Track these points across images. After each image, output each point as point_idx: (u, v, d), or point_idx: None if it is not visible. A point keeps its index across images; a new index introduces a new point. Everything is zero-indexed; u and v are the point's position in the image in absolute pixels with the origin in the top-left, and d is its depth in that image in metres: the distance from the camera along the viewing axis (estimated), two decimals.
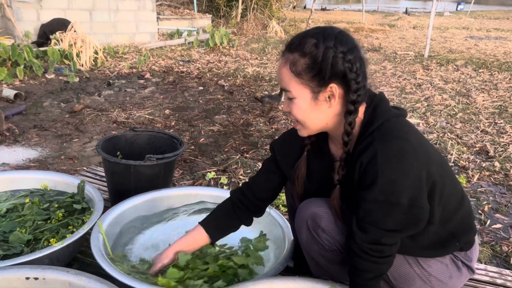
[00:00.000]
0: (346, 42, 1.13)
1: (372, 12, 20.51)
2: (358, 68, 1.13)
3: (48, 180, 1.99)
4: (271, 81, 5.79)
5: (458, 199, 1.27)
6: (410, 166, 1.09)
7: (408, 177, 1.09)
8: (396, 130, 1.15)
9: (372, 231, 1.13)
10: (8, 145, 3.21)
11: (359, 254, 1.16)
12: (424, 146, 1.16)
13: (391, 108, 1.21)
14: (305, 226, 1.32)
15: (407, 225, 1.13)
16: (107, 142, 2.15)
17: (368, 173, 1.11)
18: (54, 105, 4.31)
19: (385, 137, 1.13)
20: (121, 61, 6.54)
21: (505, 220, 2.46)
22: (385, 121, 1.16)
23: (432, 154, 1.19)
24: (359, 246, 1.16)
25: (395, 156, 1.09)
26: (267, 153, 3.26)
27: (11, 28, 6.80)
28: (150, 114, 4.12)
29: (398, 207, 1.10)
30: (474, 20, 18.09)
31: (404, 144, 1.11)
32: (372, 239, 1.14)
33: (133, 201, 1.85)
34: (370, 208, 1.12)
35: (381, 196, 1.09)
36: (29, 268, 1.29)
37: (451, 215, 1.24)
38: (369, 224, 1.13)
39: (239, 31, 10.30)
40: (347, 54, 1.12)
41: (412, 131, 1.17)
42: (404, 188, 1.09)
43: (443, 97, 5.15)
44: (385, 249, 1.15)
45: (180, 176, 2.79)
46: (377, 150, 1.10)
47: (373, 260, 1.15)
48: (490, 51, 8.88)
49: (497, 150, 3.50)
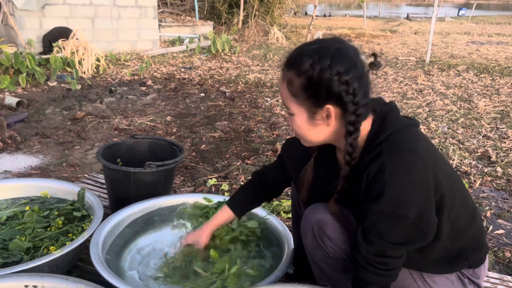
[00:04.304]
0: (343, 62, 1.09)
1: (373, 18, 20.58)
2: (356, 88, 1.09)
3: (48, 187, 2.00)
4: (272, 87, 5.80)
5: (469, 216, 1.23)
6: (419, 179, 1.07)
7: (416, 190, 1.07)
8: (405, 142, 1.12)
9: (378, 243, 1.11)
10: (10, 152, 3.22)
11: (364, 265, 1.14)
12: (434, 158, 1.13)
13: (402, 117, 1.19)
14: (310, 231, 1.32)
15: (414, 238, 1.11)
16: (107, 149, 2.16)
17: (376, 185, 1.09)
18: (56, 113, 4.33)
19: (394, 148, 1.10)
20: (123, 68, 6.57)
21: (508, 225, 2.44)
22: (394, 131, 1.13)
23: (443, 167, 1.15)
24: (364, 258, 1.14)
25: (404, 169, 1.07)
26: (268, 159, 3.26)
27: (13, 36, 6.86)
28: (151, 121, 4.14)
29: (405, 220, 1.07)
30: (476, 25, 18.11)
31: (413, 156, 1.09)
32: (377, 251, 1.12)
33: (133, 208, 1.85)
34: (376, 219, 1.10)
35: (388, 208, 1.07)
36: (28, 276, 1.29)
37: (461, 232, 1.21)
38: (374, 236, 1.11)
39: (241, 38, 10.34)
40: (342, 75, 1.08)
41: (423, 142, 1.14)
42: (412, 202, 1.07)
43: (445, 102, 5.15)
44: (390, 262, 1.13)
45: (181, 183, 2.79)
46: (385, 162, 1.08)
47: (378, 273, 1.13)
48: (491, 56, 8.87)
49: (499, 155, 3.49)
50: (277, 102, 5.00)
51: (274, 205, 2.44)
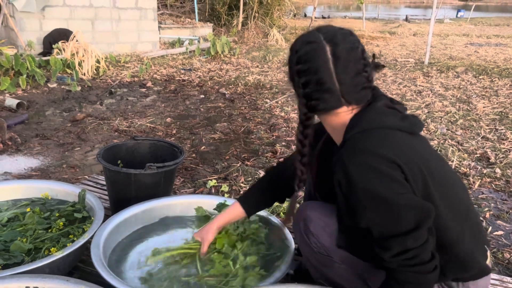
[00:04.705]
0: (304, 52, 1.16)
1: (372, 20, 20.59)
2: (308, 81, 1.14)
3: (49, 189, 2.00)
4: (272, 88, 5.81)
5: (456, 235, 1.18)
6: (382, 171, 1.08)
7: (385, 179, 1.08)
8: (364, 143, 1.11)
9: (393, 242, 1.09)
10: (10, 154, 3.22)
11: (398, 268, 1.11)
12: (406, 164, 1.10)
13: (384, 118, 1.15)
14: (298, 228, 1.38)
15: (420, 218, 1.08)
16: (108, 151, 2.17)
17: (346, 191, 1.12)
18: (56, 114, 4.34)
19: (350, 151, 1.12)
20: (123, 70, 6.58)
21: (507, 227, 2.45)
22: (360, 131, 1.13)
23: (424, 183, 1.12)
24: (391, 262, 1.11)
25: (362, 171, 1.09)
26: (268, 160, 3.26)
27: (14, 38, 6.87)
28: (151, 122, 4.15)
29: (390, 204, 1.07)
30: (474, 26, 18.14)
31: (368, 158, 1.09)
32: (398, 250, 1.08)
33: (134, 210, 1.86)
34: (371, 221, 1.10)
35: (373, 204, 1.09)
36: (29, 277, 1.30)
37: (445, 247, 1.17)
38: (385, 238, 1.09)
39: (240, 40, 10.35)
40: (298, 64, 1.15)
41: (392, 146, 1.11)
42: (389, 191, 1.07)
43: (444, 103, 5.16)
44: (417, 252, 1.08)
45: (181, 184, 2.80)
46: (345, 167, 1.10)
47: (412, 270, 1.09)
48: (490, 58, 8.89)
49: (498, 156, 3.50)
50: (277, 104, 5.01)
51: (274, 206, 2.45)
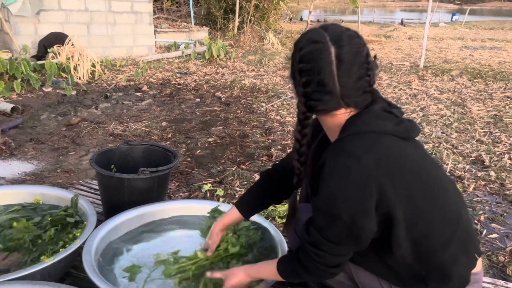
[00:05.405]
0: (305, 52, 1.15)
1: (368, 24, 20.69)
2: (309, 80, 1.12)
3: (41, 194, 1.99)
4: (267, 92, 5.82)
5: (441, 243, 1.16)
6: (354, 184, 1.08)
7: (348, 194, 1.08)
8: (353, 146, 1.11)
9: (314, 236, 1.16)
10: (4, 158, 3.20)
11: (302, 251, 1.22)
12: (391, 174, 1.09)
13: (379, 123, 1.14)
14: (291, 230, 1.43)
15: (347, 240, 1.14)
16: (101, 156, 2.16)
17: (318, 181, 1.14)
18: (51, 118, 4.32)
19: (337, 150, 1.13)
20: (119, 74, 6.57)
21: (501, 230, 2.46)
22: (353, 134, 1.13)
23: (411, 187, 1.11)
24: (302, 246, 1.22)
25: (339, 172, 1.10)
26: (263, 164, 3.26)
27: (8, 42, 6.84)
28: (147, 126, 4.14)
29: (340, 221, 1.10)
30: (469, 30, 18.26)
31: (350, 162, 1.09)
32: (312, 242, 1.17)
33: (127, 215, 1.85)
34: (316, 214, 1.17)
35: (324, 206, 1.13)
36: (20, 284, 1.28)
37: (429, 255, 1.16)
38: (313, 228, 1.17)
39: (236, 43, 10.37)
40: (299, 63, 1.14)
41: (378, 154, 1.10)
42: (345, 204, 1.09)
43: (439, 107, 5.18)
44: (325, 256, 1.17)
45: (176, 188, 2.79)
46: (326, 161, 1.13)
47: (312, 262, 1.19)
48: (485, 61, 8.94)
49: (492, 159, 3.51)
50: (272, 107, 5.01)
51: (269, 210, 2.45)
